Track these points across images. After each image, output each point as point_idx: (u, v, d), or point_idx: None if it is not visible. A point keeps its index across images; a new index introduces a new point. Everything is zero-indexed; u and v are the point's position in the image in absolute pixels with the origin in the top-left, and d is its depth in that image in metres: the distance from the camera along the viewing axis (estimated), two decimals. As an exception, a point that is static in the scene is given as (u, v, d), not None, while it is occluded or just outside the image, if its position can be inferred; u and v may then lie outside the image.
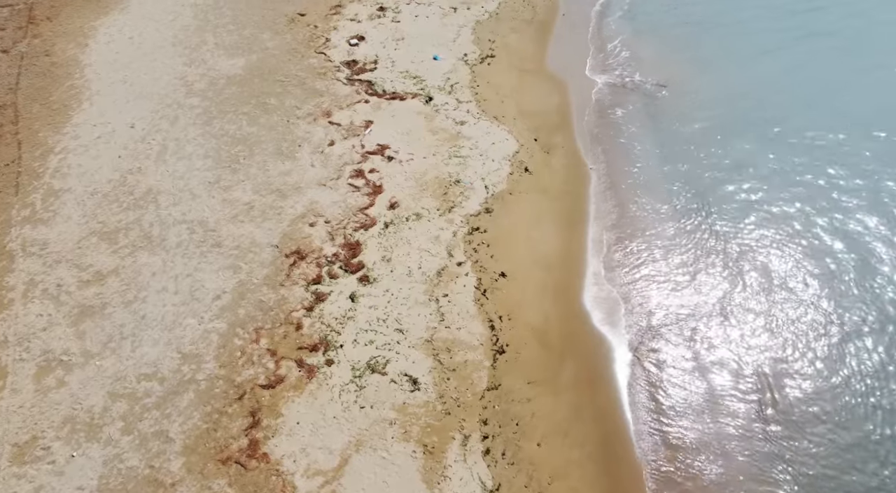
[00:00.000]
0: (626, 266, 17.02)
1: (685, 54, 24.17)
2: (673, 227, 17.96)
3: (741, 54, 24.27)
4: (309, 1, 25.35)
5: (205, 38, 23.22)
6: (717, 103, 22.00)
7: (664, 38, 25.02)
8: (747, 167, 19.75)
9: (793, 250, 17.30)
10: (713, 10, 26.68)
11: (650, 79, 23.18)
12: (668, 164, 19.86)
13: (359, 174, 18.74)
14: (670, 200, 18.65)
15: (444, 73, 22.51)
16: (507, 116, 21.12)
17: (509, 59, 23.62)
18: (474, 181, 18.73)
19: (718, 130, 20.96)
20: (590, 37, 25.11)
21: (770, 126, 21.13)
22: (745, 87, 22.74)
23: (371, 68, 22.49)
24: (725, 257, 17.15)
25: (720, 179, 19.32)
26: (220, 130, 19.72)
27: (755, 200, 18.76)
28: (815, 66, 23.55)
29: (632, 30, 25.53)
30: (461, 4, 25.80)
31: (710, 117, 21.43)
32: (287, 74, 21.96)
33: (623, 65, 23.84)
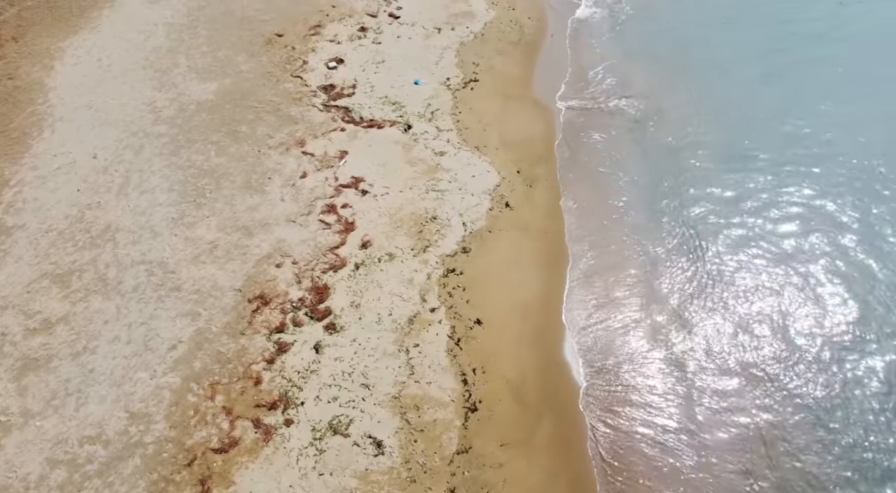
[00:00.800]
0: (606, 312, 16.12)
1: (674, 78, 23.28)
2: (659, 268, 17.07)
3: (732, 80, 23.39)
4: (287, 20, 24.45)
5: (177, 60, 22.30)
6: (705, 131, 21.14)
7: (654, 61, 24.12)
8: (738, 201, 18.88)
9: (788, 298, 16.42)
10: (704, 33, 25.77)
11: (636, 104, 22.29)
12: (654, 196, 18.97)
13: (331, 210, 17.84)
14: (657, 239, 17.75)
15: (425, 99, 21.62)
16: (490, 146, 20.23)
17: (494, 83, 22.73)
18: (452, 218, 17.84)
19: (707, 160, 20.11)
20: (578, 60, 24.18)
21: (757, 154, 20.30)
22: (733, 113, 21.88)
23: (349, 93, 21.60)
24: (716, 306, 16.24)
25: (711, 216, 18.43)
26: (187, 160, 18.80)
27: (746, 237, 17.88)
28: (809, 93, 22.68)
29: (622, 52, 24.65)
30: (445, 25, 24.92)
31: (698, 145, 20.57)
32: (261, 100, 21.05)
33: (609, 90, 22.95)
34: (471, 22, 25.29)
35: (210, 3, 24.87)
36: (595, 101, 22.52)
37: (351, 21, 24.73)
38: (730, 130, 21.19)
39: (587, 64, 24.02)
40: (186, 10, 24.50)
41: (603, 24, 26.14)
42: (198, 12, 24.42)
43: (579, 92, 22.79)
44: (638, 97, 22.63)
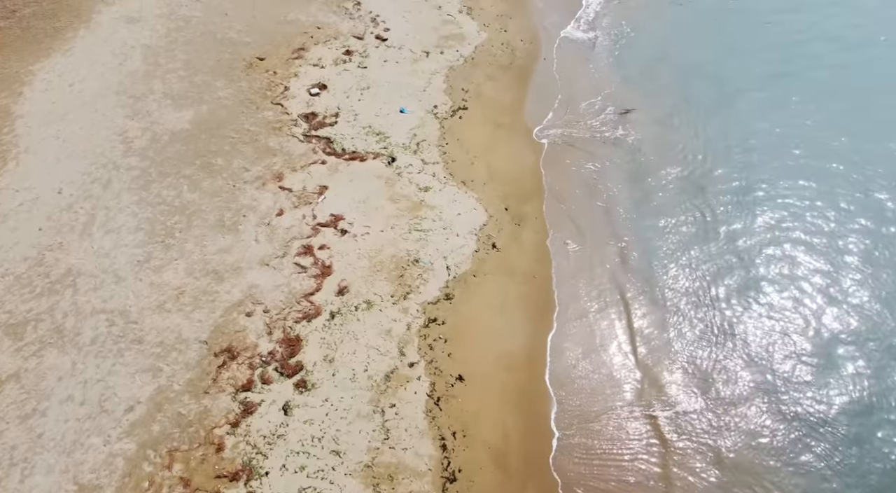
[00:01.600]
0: (593, 366, 15.15)
1: (673, 105, 22.36)
2: (653, 318, 16.11)
3: (734, 107, 22.45)
4: (270, 43, 23.50)
5: (152, 85, 21.34)
6: (706, 164, 20.20)
7: (651, 87, 23.18)
8: (743, 243, 17.93)
9: (800, 367, 15.45)
10: (704, 56, 24.82)
11: (632, 133, 21.36)
12: (650, 236, 18.02)
13: (307, 251, 16.87)
14: (651, 285, 16.79)
15: (411, 129, 20.67)
16: (477, 181, 19.28)
17: (483, 111, 21.79)
18: (435, 261, 16.87)
19: (709, 196, 19.16)
20: (571, 86, 23.22)
21: (764, 190, 19.36)
22: (735, 145, 20.95)
23: (331, 122, 20.64)
24: (715, 369, 15.27)
25: (711, 260, 17.47)
26: (157, 196, 17.83)
27: (752, 286, 16.93)
28: (819, 125, 21.70)
29: (617, 78, 23.72)
30: (434, 48, 23.98)
31: (699, 180, 19.63)
32: (238, 129, 20.09)
33: (603, 118, 22.01)
34: (461, 45, 24.35)
35: (190, 24, 23.93)
36: (588, 130, 21.59)
37: (336, 44, 23.79)
38: (733, 165, 20.25)
39: (580, 90, 23.08)
40: (165, 31, 23.55)
41: (597, 47, 25.19)
42: (176, 34, 23.47)
43: (571, 120, 21.85)
44: (634, 126, 21.70)
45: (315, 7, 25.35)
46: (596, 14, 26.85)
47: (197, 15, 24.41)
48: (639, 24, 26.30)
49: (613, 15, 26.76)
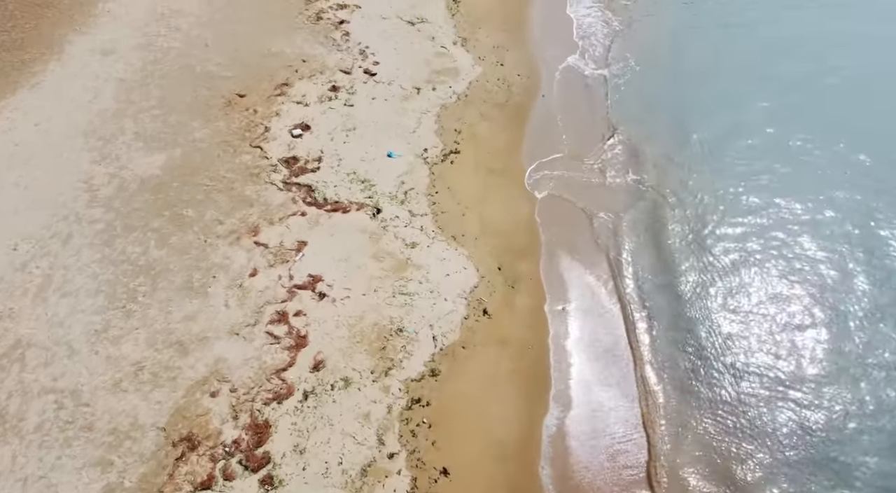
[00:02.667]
0: (592, 457, 13.74)
1: (686, 151, 20.97)
2: (662, 403, 14.71)
3: (747, 153, 21.09)
4: (252, 77, 22.15)
5: (123, 125, 19.98)
6: (724, 218, 18.81)
7: (659, 127, 21.79)
8: (764, 313, 16.54)
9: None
10: (718, 94, 23.39)
11: (640, 181, 20.00)
12: (662, 304, 16.62)
13: (281, 319, 15.48)
14: (661, 363, 15.40)
15: (399, 176, 19.31)
16: (468, 235, 17.91)
17: (476, 155, 20.43)
18: (421, 330, 15.49)
19: (732, 255, 17.78)
20: (571, 127, 21.85)
21: (796, 247, 17.98)
22: (753, 191, 19.59)
23: (313, 168, 19.27)
24: (726, 468, 13.83)
25: (733, 339, 16.06)
26: (122, 254, 16.45)
27: (780, 364, 15.53)
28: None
29: (623, 117, 22.33)
30: (426, 84, 22.63)
31: (720, 239, 18.23)
32: (213, 176, 18.72)
33: (606, 163, 20.65)
34: (454, 80, 23.00)
35: (167, 56, 22.59)
36: (589, 176, 20.23)
37: (322, 78, 22.44)
38: (745, 215, 18.85)
39: (580, 132, 21.70)
40: (141, 64, 22.21)
41: (599, 83, 23.82)
42: (153, 67, 22.12)
43: (570, 166, 20.49)
44: (638, 171, 20.33)
45: (301, 38, 24.03)
46: (597, 46, 25.52)
47: (176, 46, 23.09)
48: (643, 56, 24.97)
49: (617, 47, 25.43)
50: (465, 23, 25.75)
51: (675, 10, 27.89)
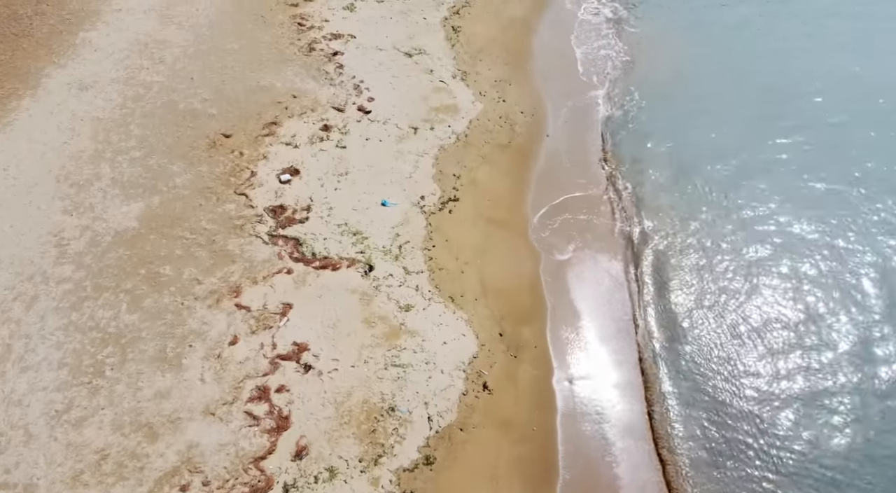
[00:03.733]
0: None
1: (703, 200, 19.71)
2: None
3: (766, 202, 19.81)
4: (238, 115, 20.87)
5: (99, 170, 18.69)
6: (746, 283, 17.53)
7: (676, 172, 20.47)
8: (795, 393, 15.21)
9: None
10: (734, 131, 22.13)
11: (655, 234, 18.71)
12: (683, 378, 15.30)
13: (262, 396, 14.16)
14: (684, 449, 14.05)
15: (393, 227, 18.00)
16: (467, 296, 16.60)
17: (476, 203, 19.14)
18: (415, 408, 14.17)
19: (755, 326, 16.47)
20: (579, 171, 20.59)
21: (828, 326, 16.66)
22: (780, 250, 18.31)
23: (302, 218, 17.97)
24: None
25: (757, 422, 14.74)
26: (90, 319, 15.13)
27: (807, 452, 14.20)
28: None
29: (631, 158, 21.06)
30: (423, 123, 21.34)
31: (732, 305, 16.95)
32: (194, 228, 17.42)
33: (617, 213, 19.36)
34: (453, 118, 21.72)
35: (150, 92, 21.31)
36: (598, 228, 18.92)
37: (313, 116, 21.16)
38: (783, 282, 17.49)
39: (587, 176, 20.43)
40: (121, 100, 20.93)
41: (607, 121, 22.55)
42: (134, 104, 20.84)
43: (578, 215, 19.16)
44: (653, 220, 19.05)
45: (292, 71, 22.76)
46: (603, 80, 24.28)
47: (159, 80, 21.81)
48: (651, 91, 23.73)
49: (624, 81, 24.20)
50: (465, 54, 24.51)
51: (682, 38, 26.64)
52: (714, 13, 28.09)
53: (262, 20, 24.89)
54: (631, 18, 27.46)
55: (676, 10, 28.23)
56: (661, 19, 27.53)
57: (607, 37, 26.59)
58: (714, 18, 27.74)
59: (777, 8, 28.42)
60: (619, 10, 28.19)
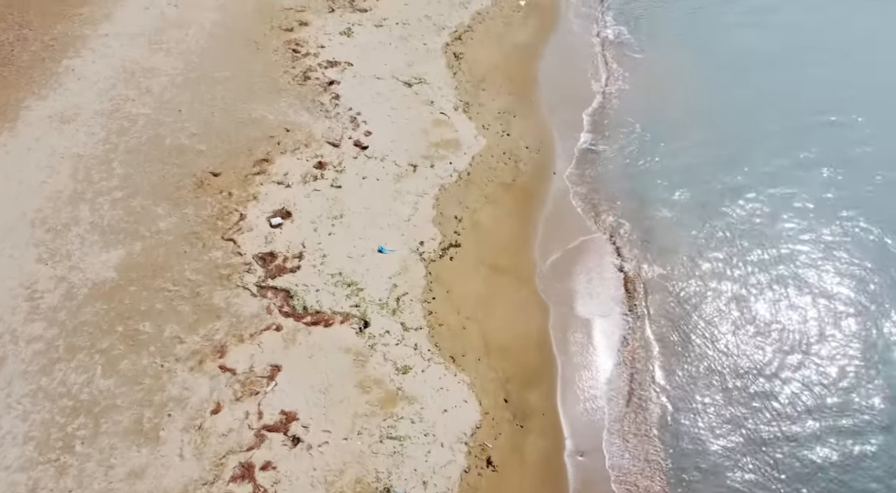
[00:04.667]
0: None
1: (724, 242, 18.60)
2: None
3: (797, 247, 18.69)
4: (228, 151, 19.76)
5: (78, 212, 17.56)
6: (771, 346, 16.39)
7: (693, 217, 19.33)
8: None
9: None
10: (754, 171, 21.00)
11: (669, 276, 17.58)
12: (713, 451, 14.13)
13: (245, 474, 12.98)
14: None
15: (391, 277, 16.86)
16: (469, 356, 15.45)
17: (479, 248, 18.01)
18: (412, 488, 12.97)
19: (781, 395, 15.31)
20: (589, 213, 19.45)
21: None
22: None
23: (293, 267, 16.83)
24: None
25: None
26: (61, 384, 13.97)
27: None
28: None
29: (636, 201, 19.92)
30: (423, 159, 20.22)
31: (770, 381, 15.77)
32: (177, 278, 16.27)
33: (629, 256, 18.24)
34: (455, 154, 20.59)
35: (135, 125, 20.21)
36: (610, 274, 17.77)
37: (307, 152, 20.04)
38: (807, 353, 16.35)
39: (596, 217, 19.28)
40: (104, 134, 19.82)
41: (621, 156, 21.43)
42: (117, 139, 19.73)
43: (589, 261, 18.04)
44: (666, 266, 17.91)
45: (285, 102, 21.67)
46: (614, 112, 23.16)
47: (145, 112, 20.70)
48: (663, 124, 22.62)
49: (632, 113, 23.07)
50: (467, 83, 23.43)
51: (689, 65, 25.53)
52: (724, 37, 26.99)
53: (254, 46, 23.82)
54: (636, 43, 26.35)
55: (683, 32, 27.14)
56: (667, 43, 26.43)
57: (611, 59, 25.51)
58: (724, 43, 26.65)
59: (791, 33, 27.32)
60: (622, 33, 27.10)
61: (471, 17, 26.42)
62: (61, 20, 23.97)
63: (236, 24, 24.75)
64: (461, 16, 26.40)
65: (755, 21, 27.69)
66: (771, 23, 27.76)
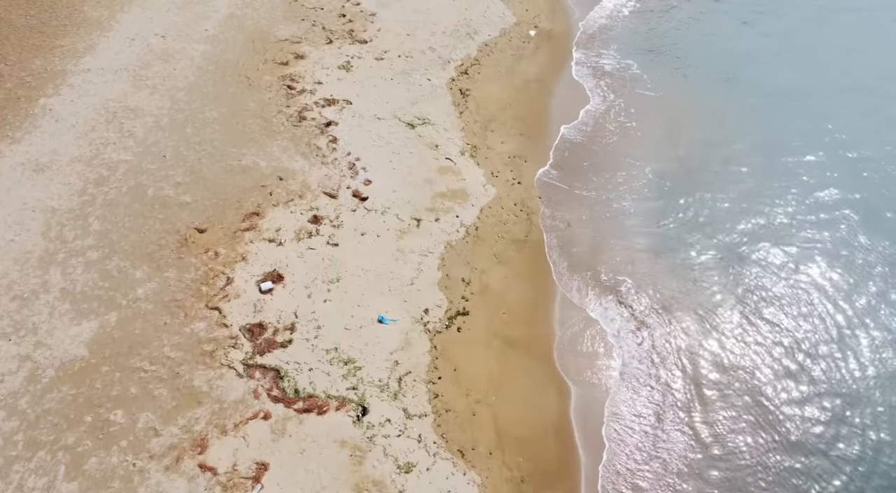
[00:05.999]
0: None
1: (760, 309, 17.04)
2: None
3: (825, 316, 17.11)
4: (216, 203, 18.18)
5: (48, 277, 15.96)
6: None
7: (724, 280, 17.80)
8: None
9: None
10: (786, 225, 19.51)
11: (707, 364, 15.98)
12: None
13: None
14: None
15: (392, 353, 15.25)
16: (480, 449, 13.82)
17: (490, 317, 16.41)
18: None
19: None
20: (607, 277, 17.84)
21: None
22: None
23: (284, 342, 15.22)
24: None
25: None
26: (17, 490, 12.31)
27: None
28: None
29: (668, 253, 18.35)
30: (428, 213, 18.64)
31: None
32: (155, 356, 14.65)
33: (658, 332, 16.63)
34: (462, 206, 19.01)
35: (115, 174, 18.65)
36: (638, 348, 16.16)
37: (302, 205, 18.45)
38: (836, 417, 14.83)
39: (617, 283, 17.68)
40: (81, 185, 18.24)
41: (640, 205, 19.84)
42: (95, 189, 18.15)
43: (615, 331, 16.42)
44: (709, 341, 16.32)
45: (279, 146, 20.09)
46: (632, 156, 21.55)
47: (127, 159, 19.13)
48: (682, 173, 21.05)
49: (652, 158, 21.48)
50: (474, 123, 21.87)
51: (705, 104, 23.99)
52: (736, 71, 25.43)
53: (246, 82, 22.27)
54: (647, 80, 24.74)
55: (700, 67, 25.57)
56: (679, 78, 24.86)
57: (623, 94, 23.91)
58: (740, 79, 25.08)
59: (812, 75, 25.68)
60: (631, 67, 25.47)
61: (478, 49, 24.89)
62: (40, 53, 22.42)
63: (227, 56, 23.21)
64: (467, 48, 24.86)
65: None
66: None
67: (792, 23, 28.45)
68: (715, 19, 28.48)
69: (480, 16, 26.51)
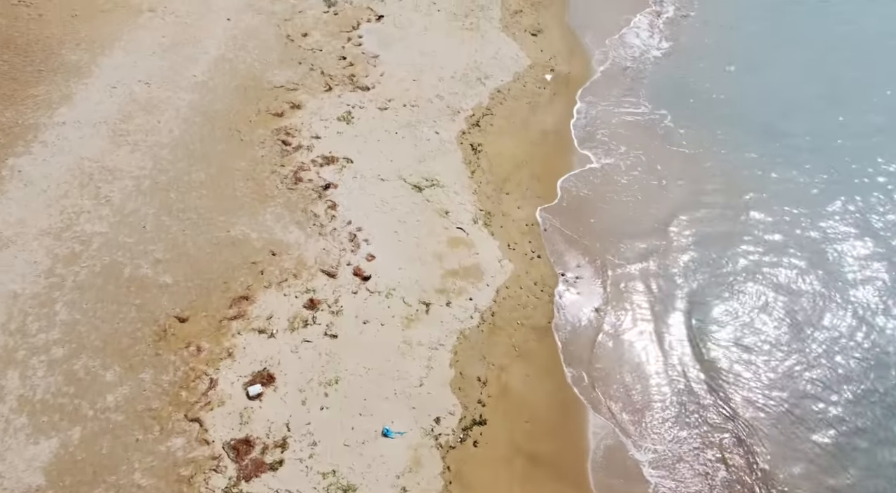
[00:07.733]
0: None
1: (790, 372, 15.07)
2: None
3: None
4: (200, 284, 16.16)
5: (5, 381, 13.94)
6: None
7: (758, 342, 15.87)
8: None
9: None
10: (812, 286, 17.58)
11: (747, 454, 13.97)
12: None
13: None
14: None
15: (398, 476, 13.21)
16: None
17: (511, 427, 14.38)
18: None
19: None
20: (636, 372, 15.83)
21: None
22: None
23: (274, 463, 13.17)
24: None
25: None
26: None
27: None
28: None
29: (704, 354, 16.38)
30: (438, 295, 16.63)
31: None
32: (123, 485, 12.64)
33: (696, 424, 14.64)
34: (476, 287, 16.99)
35: (88, 249, 16.63)
36: (680, 452, 14.15)
37: (297, 286, 16.43)
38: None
39: (660, 376, 15.67)
40: (49, 263, 16.21)
41: (664, 286, 17.85)
42: (64, 269, 16.12)
43: (644, 447, 14.39)
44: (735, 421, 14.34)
45: (272, 214, 18.10)
46: (663, 228, 19.58)
47: (102, 231, 17.11)
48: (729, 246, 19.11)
49: (686, 229, 19.52)
50: (487, 184, 19.89)
51: (740, 166, 22.03)
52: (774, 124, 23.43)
53: (237, 137, 20.28)
54: (678, 130, 22.68)
55: (734, 119, 23.50)
56: (710, 128, 22.73)
57: (663, 162, 21.79)
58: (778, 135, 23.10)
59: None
60: (658, 112, 23.35)
61: (489, 97, 22.94)
62: (11, 104, 20.41)
63: (217, 106, 21.22)
64: (478, 95, 22.91)
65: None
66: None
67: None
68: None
69: (491, 58, 24.57)
